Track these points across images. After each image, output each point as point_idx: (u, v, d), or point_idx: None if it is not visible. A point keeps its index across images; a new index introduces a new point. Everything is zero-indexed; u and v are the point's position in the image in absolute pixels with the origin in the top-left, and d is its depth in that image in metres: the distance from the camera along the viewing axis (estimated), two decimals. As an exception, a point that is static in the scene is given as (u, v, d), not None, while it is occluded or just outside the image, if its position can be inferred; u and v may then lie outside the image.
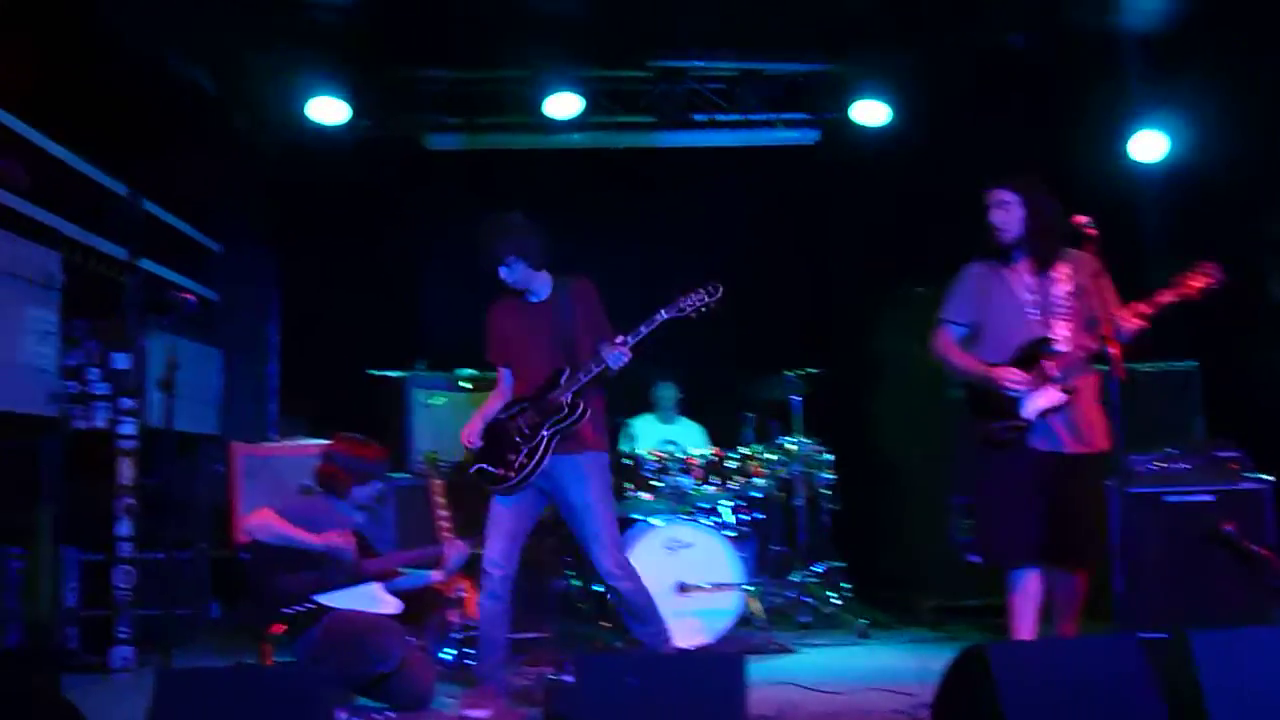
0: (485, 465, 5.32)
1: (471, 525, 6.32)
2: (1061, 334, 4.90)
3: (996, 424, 4.93)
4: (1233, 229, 7.31)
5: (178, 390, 5.02)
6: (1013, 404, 4.89)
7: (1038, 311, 4.95)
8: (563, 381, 5.19)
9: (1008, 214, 4.97)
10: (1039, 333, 4.92)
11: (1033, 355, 4.89)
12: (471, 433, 5.40)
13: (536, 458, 5.19)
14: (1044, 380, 4.84)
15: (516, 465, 5.22)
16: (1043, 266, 4.97)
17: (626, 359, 5.12)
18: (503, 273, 5.30)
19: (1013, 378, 4.86)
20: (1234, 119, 7.24)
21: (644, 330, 5.14)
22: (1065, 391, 4.83)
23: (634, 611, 5.33)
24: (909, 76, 8.06)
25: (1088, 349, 4.80)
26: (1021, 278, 5.03)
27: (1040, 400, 4.86)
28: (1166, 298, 4.70)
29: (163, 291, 5.69)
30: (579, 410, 5.17)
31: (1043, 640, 4.91)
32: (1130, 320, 4.69)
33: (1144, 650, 3.87)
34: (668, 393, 7.93)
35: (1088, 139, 7.85)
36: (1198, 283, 4.68)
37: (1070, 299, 4.92)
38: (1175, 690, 3.83)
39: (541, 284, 5.40)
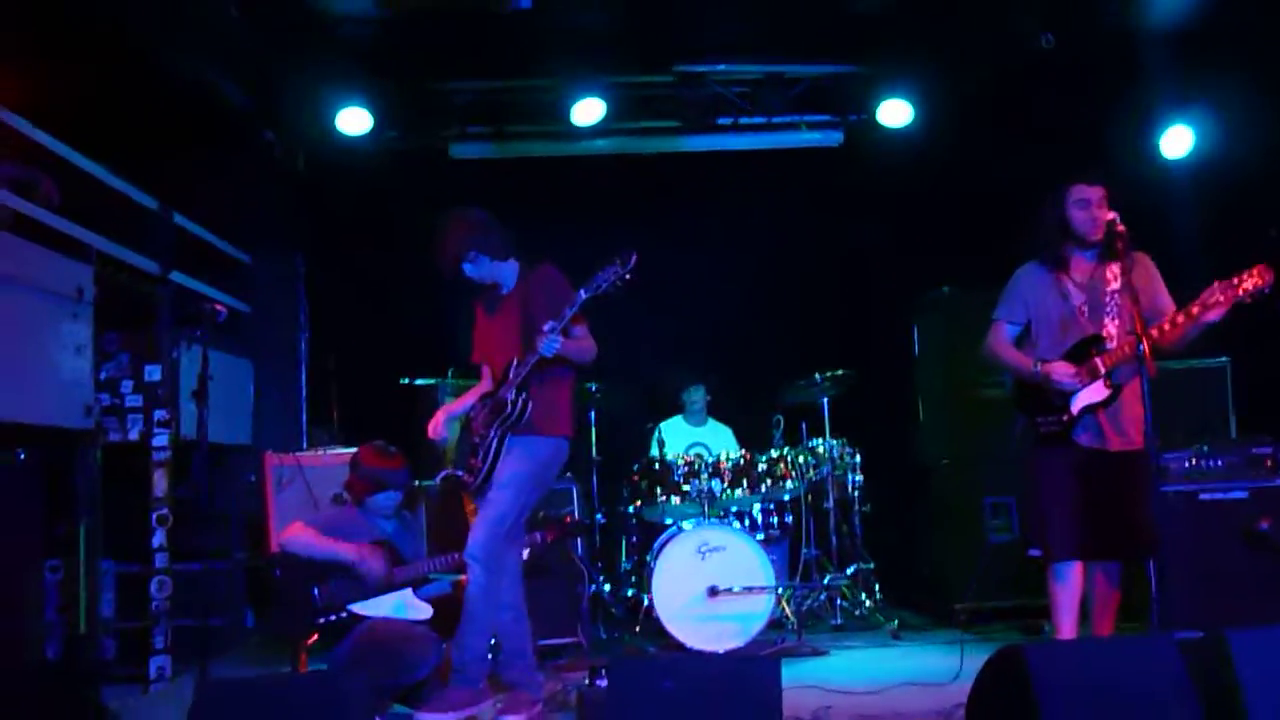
0: (454, 471, 5.35)
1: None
2: (1111, 332, 4.97)
3: (1042, 419, 5.04)
4: (1262, 223, 7.27)
5: (210, 401, 5.06)
6: (1062, 399, 4.99)
7: (1089, 310, 5.03)
8: (510, 375, 5.14)
9: (1102, 211, 4.99)
10: (1090, 330, 5.01)
11: (1084, 352, 4.99)
12: (435, 425, 5.40)
13: (489, 460, 5.16)
14: (1093, 376, 4.93)
15: (473, 467, 5.22)
16: (1112, 261, 4.99)
17: (557, 345, 5.01)
18: (468, 270, 5.30)
19: (1066, 372, 4.95)
20: (1260, 112, 7.21)
21: (567, 313, 5.02)
22: (1110, 388, 4.88)
23: (465, 615, 5.08)
24: (934, 77, 8.04)
25: (1127, 342, 4.83)
26: (1073, 277, 5.08)
27: (1087, 396, 4.92)
28: (1214, 298, 4.70)
29: (194, 303, 5.72)
30: (520, 406, 5.09)
31: (1079, 641, 4.91)
32: (1176, 320, 4.77)
33: (1180, 650, 3.86)
34: (697, 395, 7.95)
35: (1115, 137, 7.82)
36: (1249, 285, 4.68)
37: (1119, 298, 4.96)
38: (1212, 690, 3.81)
39: (508, 275, 5.38)
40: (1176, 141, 7.73)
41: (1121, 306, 4.98)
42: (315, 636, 5.24)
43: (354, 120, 7.90)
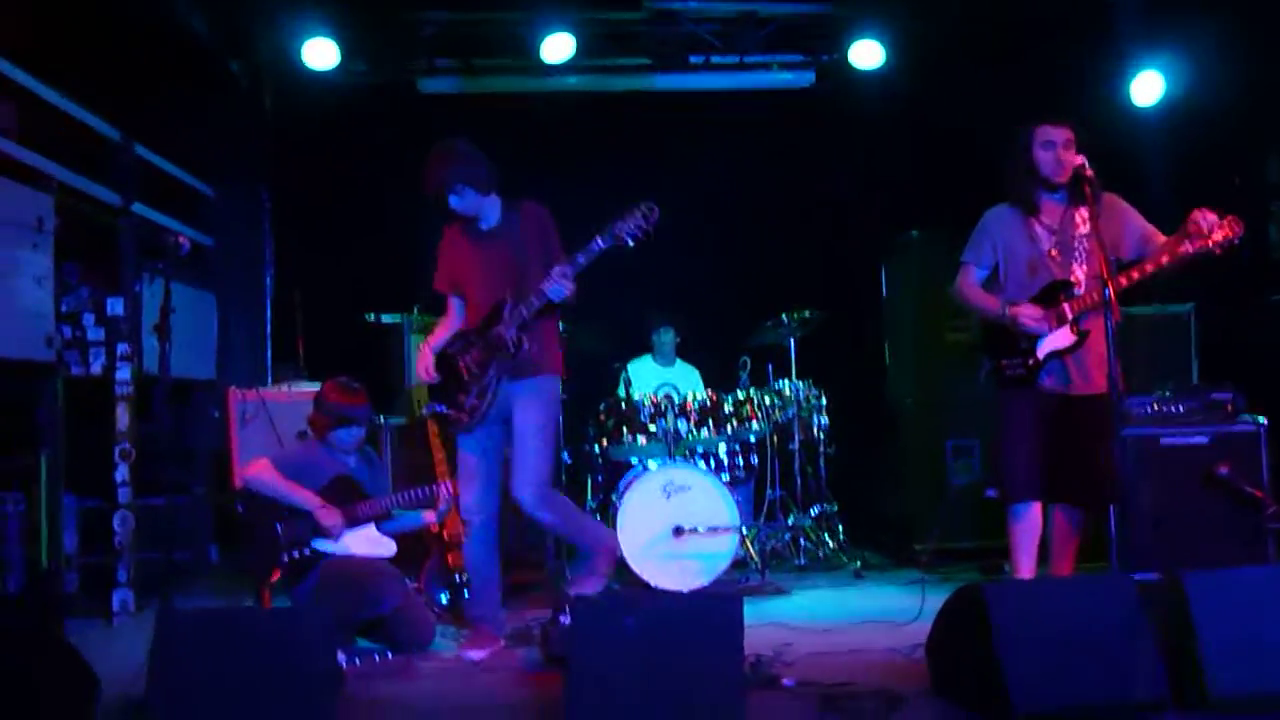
0: (439, 406, 5.27)
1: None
2: (1079, 277, 4.98)
3: (1008, 361, 5.05)
4: (1227, 171, 7.31)
5: (173, 336, 5.01)
6: (1028, 342, 5.00)
7: (1059, 254, 5.02)
8: (506, 314, 5.07)
9: (1069, 153, 4.96)
10: (1059, 275, 5.00)
11: (1052, 296, 4.99)
12: (426, 366, 5.32)
13: (488, 398, 5.12)
14: (1060, 321, 4.94)
15: (469, 407, 5.15)
16: (1082, 205, 4.98)
17: (568, 291, 4.99)
18: (453, 201, 5.19)
19: (1034, 315, 4.96)
20: (1229, 61, 7.21)
21: (582, 260, 4.97)
22: (1077, 334, 4.90)
23: (566, 535, 5.29)
24: (906, 18, 8.00)
25: (1099, 293, 4.84)
26: (1042, 221, 5.07)
27: (1053, 341, 4.94)
28: (1184, 248, 4.74)
29: (156, 236, 5.65)
30: (523, 347, 5.04)
31: (1038, 580, 4.98)
32: (1144, 269, 4.80)
33: (1138, 590, 3.91)
34: (667, 337, 7.95)
35: (1088, 83, 7.82)
36: (1219, 236, 4.70)
37: (1088, 242, 4.96)
38: (1168, 630, 3.87)
39: (491, 209, 5.28)
40: (1147, 88, 7.72)
41: (1090, 251, 4.96)
42: (279, 573, 5.24)
43: (321, 53, 7.79)
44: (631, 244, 4.96)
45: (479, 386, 5.14)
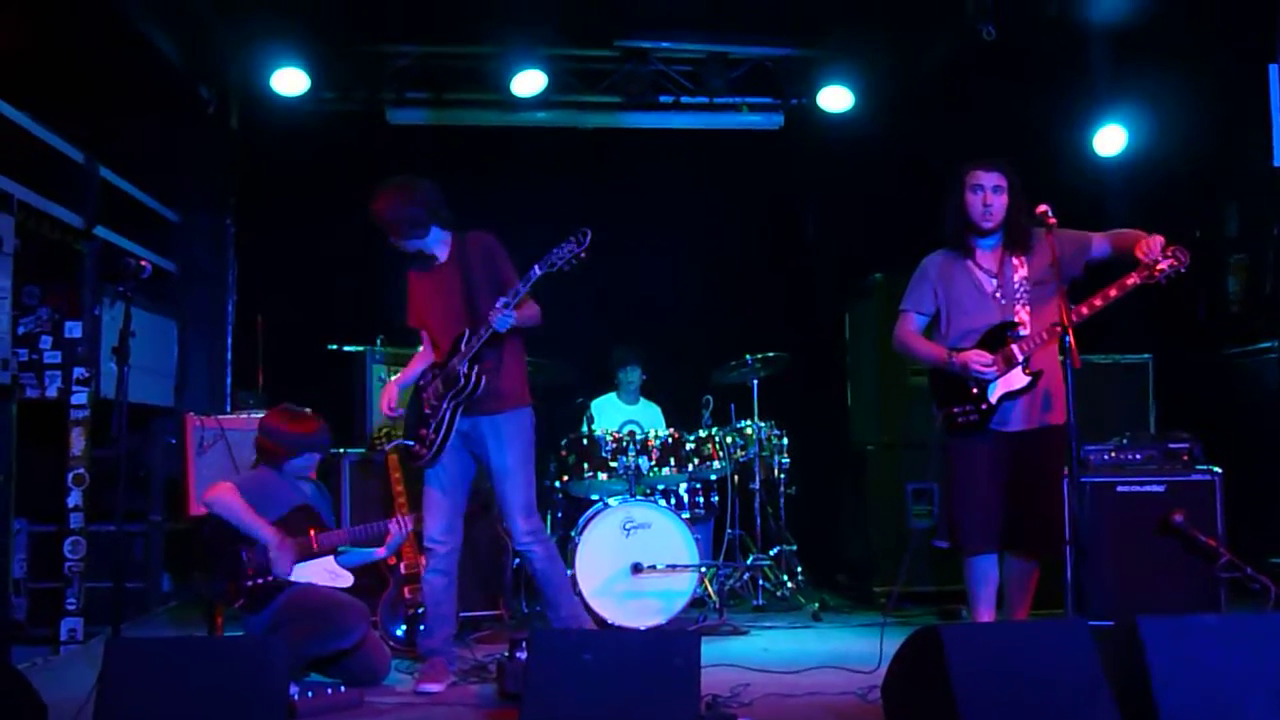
0: (403, 441, 5.38)
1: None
2: (1024, 318, 4.96)
3: (959, 409, 4.99)
4: (1187, 224, 7.40)
5: (132, 361, 4.96)
6: (980, 388, 4.96)
7: (1002, 297, 5.00)
8: (462, 347, 5.12)
9: (999, 199, 4.98)
10: (1005, 317, 4.98)
11: (998, 339, 4.96)
12: (389, 401, 5.43)
13: (442, 432, 5.18)
14: (1009, 364, 4.91)
15: (428, 441, 5.23)
16: (1016, 251, 5.01)
17: (512, 320, 5.03)
18: (396, 243, 5.30)
19: (983, 361, 4.91)
20: (1191, 115, 7.32)
21: (522, 289, 5.02)
22: (1030, 374, 4.89)
23: (546, 584, 5.33)
24: (875, 63, 8.08)
25: (1049, 332, 4.86)
26: (980, 265, 5.07)
27: (1006, 383, 4.93)
28: (1132, 280, 4.76)
29: (118, 260, 5.60)
30: (474, 380, 5.09)
31: (994, 624, 4.96)
32: (1093, 304, 4.77)
33: (1093, 635, 3.92)
34: (633, 375, 7.93)
35: (1052, 132, 7.92)
36: (1164, 265, 4.72)
37: (1028, 284, 4.98)
38: (1124, 676, 3.88)
39: (438, 245, 5.35)
40: (1110, 139, 7.82)
41: (1032, 294, 4.98)
42: (241, 599, 5.16)
43: (290, 80, 7.78)
44: (567, 269, 4.97)
45: (435, 420, 5.20)
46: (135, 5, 6.95)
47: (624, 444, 6.93)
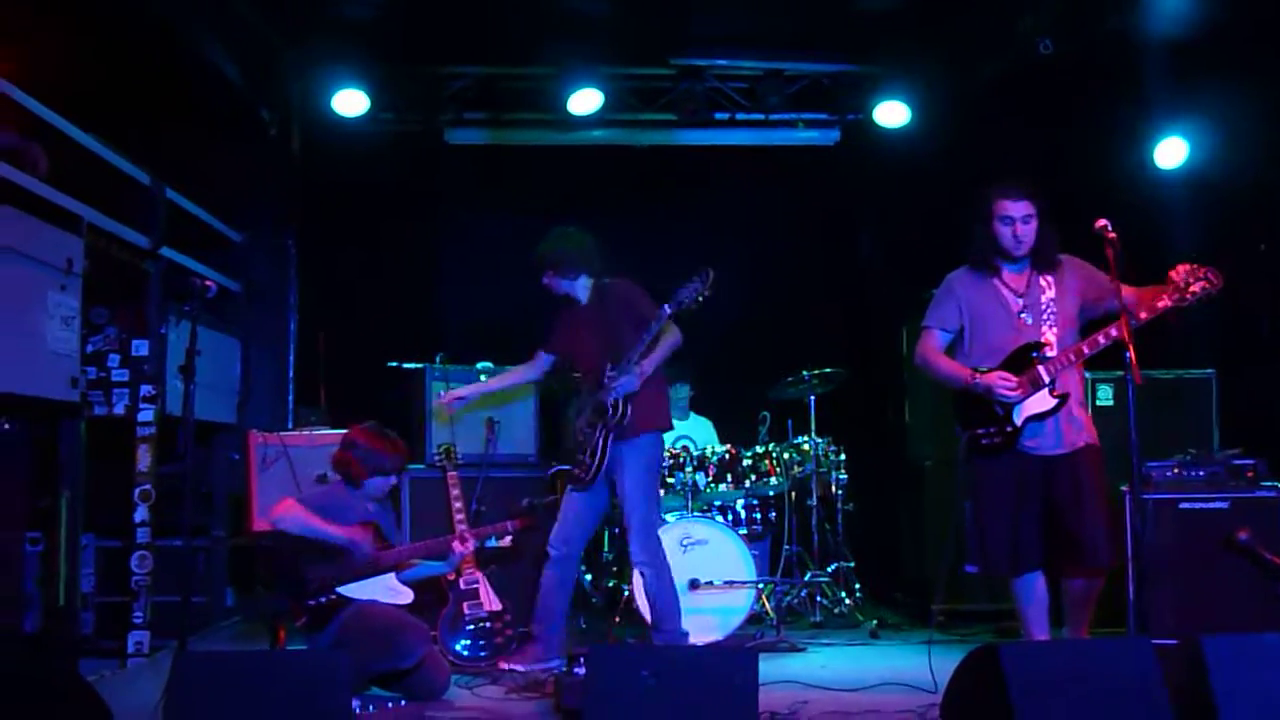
0: (563, 466, 6.13)
1: (483, 517, 6.39)
2: (1050, 340, 4.93)
3: (984, 430, 4.96)
4: (1251, 238, 7.30)
5: (196, 378, 5.05)
6: (1005, 409, 4.92)
7: (1028, 318, 4.98)
8: (606, 381, 5.68)
9: (1029, 227, 4.98)
10: (1031, 338, 4.95)
11: (1024, 360, 4.92)
12: (451, 398, 6.22)
13: (598, 457, 5.75)
14: (1035, 386, 4.87)
15: (585, 464, 5.78)
16: (1044, 271, 4.99)
17: (634, 384, 5.69)
18: (543, 280, 5.99)
19: (1008, 384, 4.87)
20: (1254, 127, 7.23)
21: (647, 336, 5.64)
22: (1057, 397, 4.85)
23: (653, 604, 5.83)
24: (932, 79, 8.05)
25: (1076, 353, 4.83)
26: (1008, 284, 5.05)
27: (1032, 405, 4.89)
28: (1164, 303, 4.71)
29: (183, 279, 5.69)
30: (621, 411, 5.69)
31: (1054, 642, 4.93)
32: (1121, 328, 4.70)
33: (1155, 654, 3.88)
34: (683, 391, 7.94)
35: (1111, 145, 7.84)
36: (1196, 288, 4.68)
37: (1055, 305, 4.95)
38: (1186, 695, 3.84)
39: (580, 290, 5.99)
40: (1171, 152, 7.72)
41: (1059, 314, 4.96)
42: (303, 617, 5.21)
43: (350, 102, 7.89)
44: (695, 308, 5.57)
45: (591, 447, 5.76)
46: (199, 30, 7.08)
47: (681, 460, 6.95)
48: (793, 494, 7.37)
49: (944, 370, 5.12)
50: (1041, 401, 4.88)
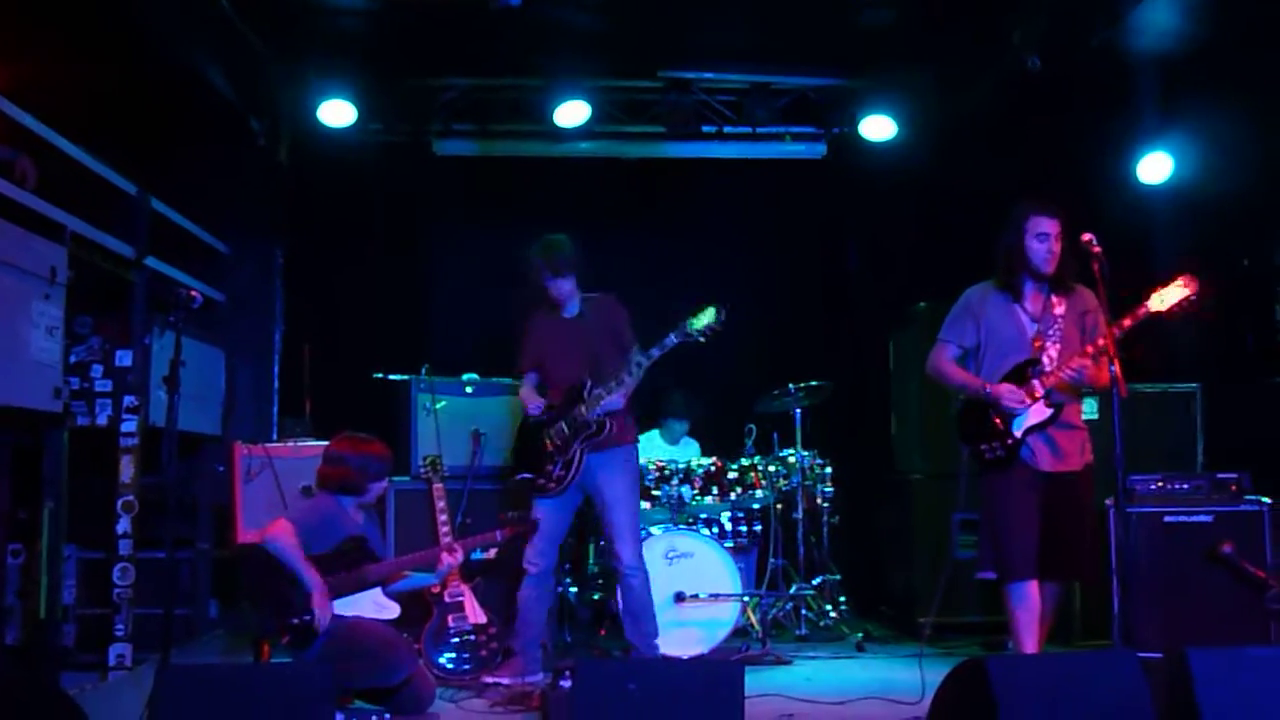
0: (527, 474, 5.94)
1: (469, 529, 6.37)
2: (1051, 355, 5.01)
3: (985, 445, 5.06)
4: (1234, 253, 7.34)
5: (181, 389, 5.02)
6: (1006, 421, 4.99)
7: (1041, 340, 5.05)
8: (587, 396, 5.68)
9: (1059, 245, 5.02)
10: (1031, 354, 5.03)
11: (1021, 374, 5.02)
12: (535, 405, 6.01)
13: (572, 471, 5.76)
14: (1033, 397, 4.97)
15: (555, 476, 5.78)
16: (1059, 292, 5.04)
17: (619, 403, 5.73)
18: (557, 285, 5.91)
19: (1015, 396, 4.96)
20: (1239, 142, 7.26)
21: (656, 354, 5.64)
22: (1051, 407, 4.93)
23: (633, 609, 5.85)
24: (918, 93, 8.07)
25: (1076, 368, 4.86)
26: (1026, 309, 5.10)
27: (1032, 416, 4.97)
28: (1143, 310, 4.78)
29: (168, 290, 5.66)
30: (607, 427, 5.73)
31: (1040, 655, 4.94)
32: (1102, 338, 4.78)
33: (1141, 667, 3.88)
34: (680, 427, 7.87)
35: (1096, 160, 7.86)
36: (1174, 297, 4.74)
37: (1062, 323, 5.01)
38: (1171, 708, 3.84)
39: (573, 299, 5.98)
40: (1155, 167, 7.74)
41: (1064, 332, 5.03)
42: (287, 635, 5.17)
43: (339, 112, 7.87)
44: (703, 340, 5.57)
45: (564, 459, 5.77)
46: (187, 40, 7.06)
47: (667, 473, 6.94)
48: (778, 507, 7.36)
49: (957, 379, 5.24)
50: (1038, 413, 4.98)
